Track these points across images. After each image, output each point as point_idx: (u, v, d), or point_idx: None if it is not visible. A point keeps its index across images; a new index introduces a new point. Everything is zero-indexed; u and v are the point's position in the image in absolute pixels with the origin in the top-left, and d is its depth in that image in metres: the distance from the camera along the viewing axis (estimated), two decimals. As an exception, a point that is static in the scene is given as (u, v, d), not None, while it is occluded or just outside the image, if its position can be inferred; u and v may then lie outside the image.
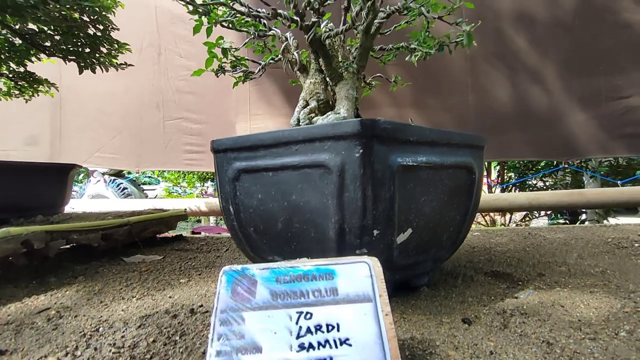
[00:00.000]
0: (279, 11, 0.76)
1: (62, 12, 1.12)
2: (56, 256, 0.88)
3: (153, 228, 1.20)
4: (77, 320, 0.60)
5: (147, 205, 1.96)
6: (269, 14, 0.75)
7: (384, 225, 0.54)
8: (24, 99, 1.57)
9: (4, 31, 1.27)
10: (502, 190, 2.37)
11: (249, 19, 0.81)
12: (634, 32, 1.67)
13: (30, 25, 1.20)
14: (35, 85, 1.52)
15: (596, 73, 1.71)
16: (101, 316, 0.61)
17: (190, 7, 0.79)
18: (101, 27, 1.26)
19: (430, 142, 0.58)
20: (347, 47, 0.89)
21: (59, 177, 1.17)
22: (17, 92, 1.54)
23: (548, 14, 1.70)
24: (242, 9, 0.77)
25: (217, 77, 0.96)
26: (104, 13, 1.22)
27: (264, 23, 0.82)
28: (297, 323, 0.39)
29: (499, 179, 2.62)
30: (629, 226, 1.40)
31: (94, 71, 1.40)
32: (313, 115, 0.83)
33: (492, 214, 2.45)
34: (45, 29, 1.23)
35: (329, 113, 0.79)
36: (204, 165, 2.04)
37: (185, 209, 1.38)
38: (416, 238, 0.59)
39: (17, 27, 1.22)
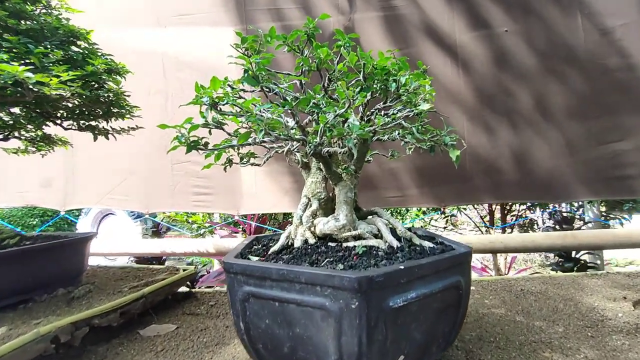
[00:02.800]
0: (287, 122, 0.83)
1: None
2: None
3: (165, 293, 1.28)
4: None
5: (158, 247, 2.04)
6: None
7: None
8: (41, 154, 1.65)
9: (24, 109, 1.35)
10: (503, 231, 2.43)
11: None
12: (624, 76, 1.73)
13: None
14: (51, 145, 1.61)
15: (587, 117, 1.76)
16: None
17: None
18: (115, 99, 1.34)
19: (421, 277, 0.65)
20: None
21: (77, 248, 1.26)
22: (33, 149, 1.63)
23: (537, 60, 1.76)
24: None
25: (225, 171, 1.03)
26: (120, 93, 1.30)
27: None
28: None
29: (499, 217, 2.69)
30: (618, 276, 1.46)
31: (107, 138, 1.49)
32: (315, 217, 0.90)
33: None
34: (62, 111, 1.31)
35: (329, 219, 0.86)
36: (211, 207, 2.12)
37: (196, 267, 1.46)
38: (409, 358, 0.66)
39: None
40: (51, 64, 1.05)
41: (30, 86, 0.95)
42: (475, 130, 1.85)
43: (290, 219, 4.07)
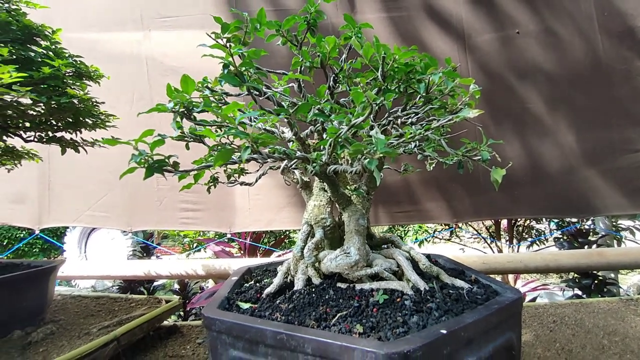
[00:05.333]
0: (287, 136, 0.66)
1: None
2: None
3: (144, 331, 1.09)
4: None
5: (142, 268, 1.84)
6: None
7: None
8: (6, 168, 1.47)
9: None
10: (511, 242, 2.29)
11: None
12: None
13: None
14: (16, 159, 1.42)
15: (609, 126, 1.63)
16: None
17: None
18: (83, 106, 1.16)
19: (467, 343, 0.48)
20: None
21: (39, 281, 1.07)
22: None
23: (557, 67, 1.63)
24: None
25: (209, 192, 0.86)
26: (86, 99, 1.13)
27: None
28: None
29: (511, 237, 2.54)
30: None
31: (77, 151, 1.31)
32: (320, 250, 0.73)
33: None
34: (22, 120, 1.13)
35: (339, 254, 0.69)
36: (201, 224, 1.93)
37: (180, 298, 1.28)
38: None
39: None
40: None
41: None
42: (488, 137, 1.70)
43: (287, 233, 3.87)
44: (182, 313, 2.38)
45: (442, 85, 0.54)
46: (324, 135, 0.69)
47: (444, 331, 0.46)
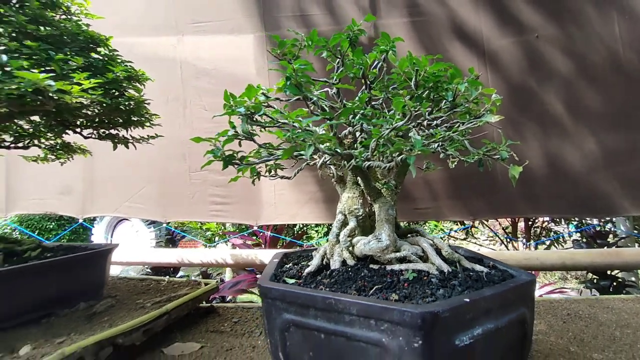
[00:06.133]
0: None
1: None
2: (103, 361, 0.92)
3: (188, 308, 1.22)
4: None
5: (175, 256, 2.00)
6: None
7: (442, 408, 0.53)
8: (60, 162, 1.64)
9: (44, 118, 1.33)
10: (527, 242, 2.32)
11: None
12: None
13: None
14: (70, 153, 1.59)
15: (630, 127, 1.65)
16: None
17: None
18: (135, 106, 1.30)
19: (486, 311, 0.58)
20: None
21: (99, 261, 1.22)
22: (53, 157, 1.61)
23: (577, 70, 1.66)
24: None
25: (254, 184, 0.98)
26: (141, 100, 1.27)
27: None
28: None
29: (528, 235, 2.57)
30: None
31: (127, 147, 1.46)
32: (353, 236, 0.83)
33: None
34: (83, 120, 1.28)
35: (370, 239, 0.79)
36: (229, 217, 2.07)
37: (217, 282, 1.40)
38: (471, 405, 0.58)
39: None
40: (71, 71, 1.02)
41: (51, 94, 0.92)
42: (507, 138, 1.76)
43: (305, 229, 4.01)
44: (205, 302, 2.54)
45: (467, 93, 0.63)
46: (361, 136, 0.79)
47: (467, 300, 0.56)
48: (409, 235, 0.90)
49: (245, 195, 2.02)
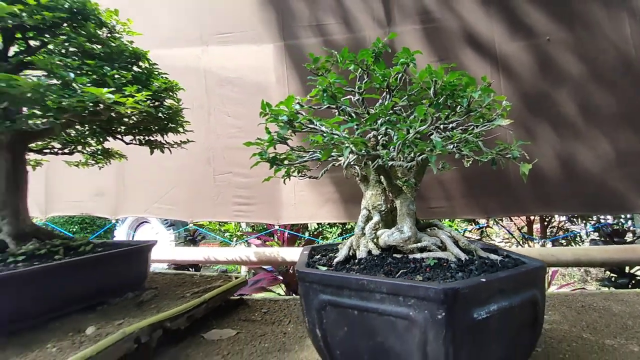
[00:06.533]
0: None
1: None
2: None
3: (221, 299, 1.34)
4: None
5: (202, 254, 2.12)
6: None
7: (463, 373, 0.61)
8: (98, 166, 1.79)
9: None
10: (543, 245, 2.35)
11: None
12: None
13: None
14: (108, 158, 1.73)
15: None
16: None
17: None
18: (172, 114, 1.43)
19: (501, 291, 0.66)
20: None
21: (143, 255, 1.34)
22: (93, 162, 1.76)
23: (589, 72, 1.71)
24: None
25: (285, 184, 1.08)
26: (179, 110, 1.40)
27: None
28: None
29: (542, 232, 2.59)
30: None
31: (162, 151, 1.59)
32: (377, 229, 0.92)
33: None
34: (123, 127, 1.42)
35: (393, 231, 0.88)
36: (251, 217, 2.19)
37: (246, 276, 1.51)
38: (488, 373, 0.66)
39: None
40: (122, 85, 1.15)
41: (108, 106, 1.05)
42: (519, 138, 1.81)
43: (321, 229, 4.11)
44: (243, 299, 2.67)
45: (480, 99, 0.71)
46: (383, 138, 0.88)
47: (483, 280, 0.64)
48: (427, 229, 0.98)
49: (267, 197, 2.14)
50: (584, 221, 3.64)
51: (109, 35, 1.36)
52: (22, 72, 1.20)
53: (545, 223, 3.53)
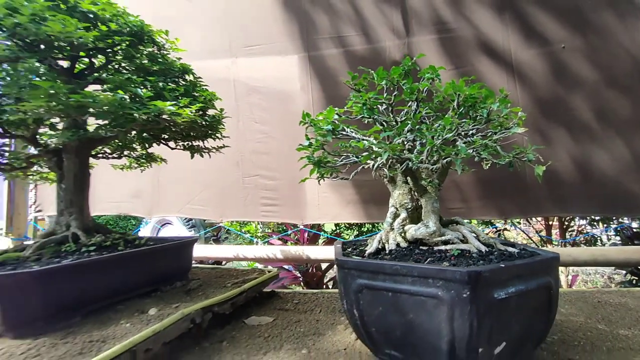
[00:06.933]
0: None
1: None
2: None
3: (256, 290, 1.47)
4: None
5: (232, 251, 2.27)
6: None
7: (485, 344, 0.72)
8: (140, 169, 1.97)
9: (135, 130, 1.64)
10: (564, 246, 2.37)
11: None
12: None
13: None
14: (151, 161, 1.91)
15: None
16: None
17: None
18: (214, 122, 1.59)
19: (518, 276, 0.76)
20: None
21: (188, 248, 1.50)
22: (136, 165, 1.94)
23: (603, 78, 1.77)
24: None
25: (319, 184, 1.21)
26: (221, 118, 1.56)
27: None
28: None
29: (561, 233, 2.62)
30: None
31: (202, 156, 1.75)
32: (405, 224, 1.03)
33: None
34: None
35: (420, 226, 0.99)
36: (278, 217, 2.33)
37: (277, 269, 1.64)
38: (508, 347, 0.76)
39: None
40: (176, 97, 1.31)
41: (166, 116, 1.21)
42: (534, 142, 1.88)
43: (340, 231, 4.23)
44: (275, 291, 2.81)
45: (501, 111, 0.82)
46: (409, 143, 0.99)
47: (502, 265, 0.74)
48: (449, 225, 1.08)
49: (292, 198, 2.27)
50: (605, 225, 3.60)
51: (158, 52, 1.53)
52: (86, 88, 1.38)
53: (564, 227, 3.52)
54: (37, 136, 1.42)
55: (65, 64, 1.32)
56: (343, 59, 2.27)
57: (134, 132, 1.64)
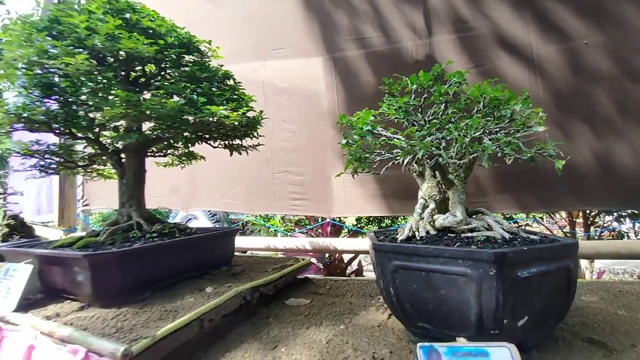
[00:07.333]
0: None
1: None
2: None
3: (292, 276, 1.62)
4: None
5: (263, 242, 2.44)
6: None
7: (509, 316, 0.82)
8: (181, 166, 2.15)
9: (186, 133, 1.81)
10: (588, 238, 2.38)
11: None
12: None
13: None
14: (191, 159, 2.09)
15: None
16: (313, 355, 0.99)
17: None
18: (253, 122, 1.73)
19: (539, 258, 0.86)
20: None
21: (231, 237, 1.66)
22: (177, 162, 2.13)
23: (625, 73, 1.79)
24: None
25: (354, 177, 1.33)
26: (261, 119, 1.71)
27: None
28: (471, 383, 0.71)
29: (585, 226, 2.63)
30: None
31: (240, 153, 1.91)
32: (433, 214, 1.14)
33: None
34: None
35: (447, 215, 1.10)
36: (305, 210, 2.47)
37: (310, 259, 1.78)
38: (530, 321, 0.86)
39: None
40: (223, 101, 1.46)
41: (216, 118, 1.37)
42: (556, 137, 1.92)
43: (361, 225, 4.35)
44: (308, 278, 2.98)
45: (524, 111, 0.91)
46: (436, 140, 1.10)
47: (525, 248, 0.84)
48: (474, 215, 1.18)
49: (319, 193, 2.41)
50: (632, 220, 3.54)
51: (202, 59, 1.69)
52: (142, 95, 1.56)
53: (589, 223, 3.50)
54: (100, 138, 1.61)
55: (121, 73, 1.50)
56: (366, 59, 2.37)
57: (185, 133, 1.82)
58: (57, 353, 0.93)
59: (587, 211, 3.34)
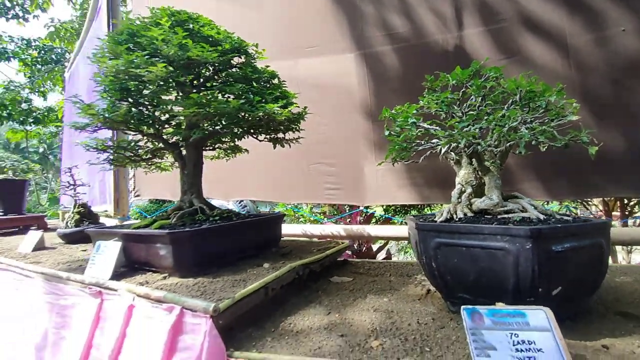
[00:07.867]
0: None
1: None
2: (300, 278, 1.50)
3: (333, 257, 1.78)
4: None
5: (300, 229, 2.62)
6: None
7: (544, 285, 0.93)
8: (226, 158, 2.35)
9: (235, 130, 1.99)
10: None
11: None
12: None
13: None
14: (236, 152, 2.28)
15: None
16: (372, 321, 1.14)
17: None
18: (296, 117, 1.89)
19: (572, 234, 0.95)
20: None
21: (279, 221, 1.85)
22: (223, 155, 2.33)
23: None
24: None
25: (393, 165, 1.45)
26: (304, 114, 1.86)
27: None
28: (510, 338, 0.83)
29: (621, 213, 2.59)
30: None
31: (282, 146, 2.07)
32: (470, 198, 1.25)
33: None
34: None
35: (484, 198, 1.20)
36: (340, 199, 2.62)
37: (347, 242, 1.94)
38: (564, 291, 0.96)
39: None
40: (273, 99, 1.62)
41: (266, 115, 1.53)
42: (591, 124, 1.93)
43: (390, 218, 4.46)
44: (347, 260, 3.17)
45: (559, 103, 0.99)
46: (473, 129, 1.20)
47: (559, 225, 0.94)
48: (509, 199, 1.28)
49: (353, 182, 2.54)
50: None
51: (251, 61, 1.86)
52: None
53: (627, 212, 3.41)
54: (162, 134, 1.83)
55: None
56: (397, 54, 2.45)
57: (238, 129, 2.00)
58: (155, 310, 1.14)
59: (625, 201, 3.26)
